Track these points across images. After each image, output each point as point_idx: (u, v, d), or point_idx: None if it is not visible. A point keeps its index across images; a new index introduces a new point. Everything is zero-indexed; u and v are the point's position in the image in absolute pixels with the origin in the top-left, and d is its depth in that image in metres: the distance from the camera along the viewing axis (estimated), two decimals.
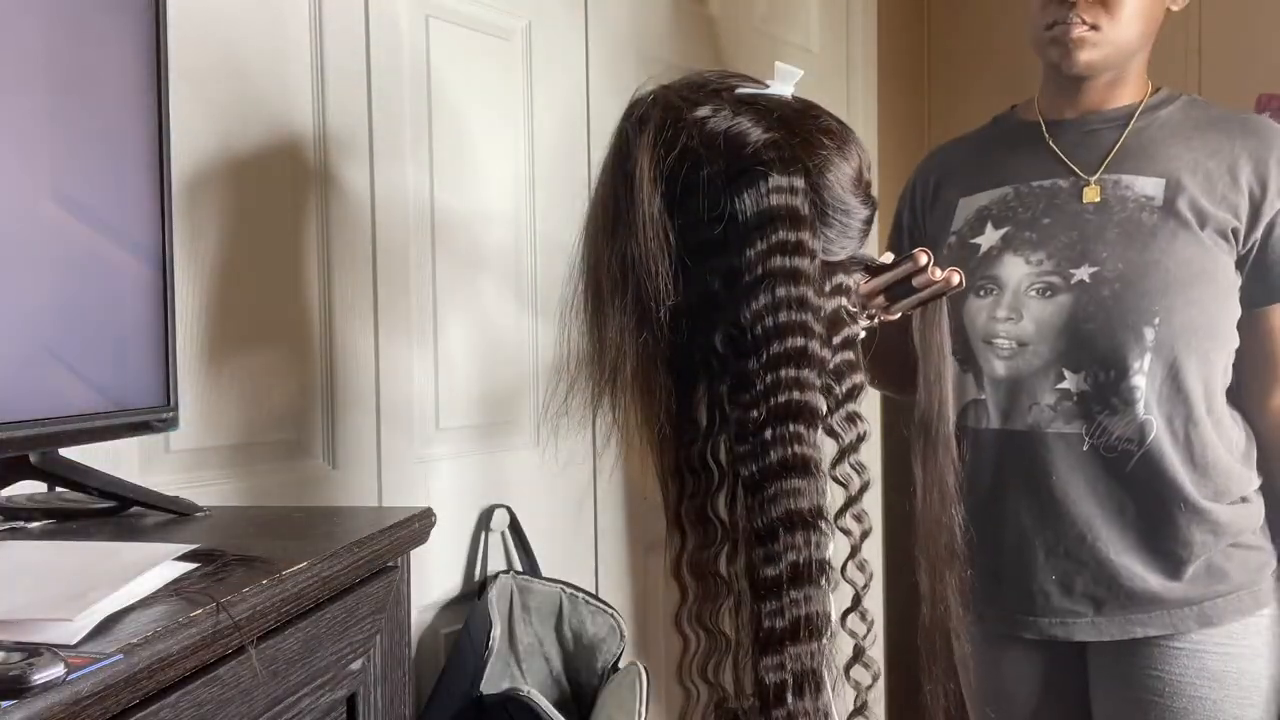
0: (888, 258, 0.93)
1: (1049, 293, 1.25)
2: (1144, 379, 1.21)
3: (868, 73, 2.38)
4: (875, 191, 0.89)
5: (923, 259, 0.89)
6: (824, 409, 0.82)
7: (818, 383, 0.80)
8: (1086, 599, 1.24)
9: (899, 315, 0.93)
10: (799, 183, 0.80)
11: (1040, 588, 1.26)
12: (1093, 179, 1.28)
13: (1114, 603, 1.23)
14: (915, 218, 1.46)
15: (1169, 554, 1.22)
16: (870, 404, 2.37)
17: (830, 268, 0.85)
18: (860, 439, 0.87)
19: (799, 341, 0.78)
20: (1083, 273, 1.23)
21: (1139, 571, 1.22)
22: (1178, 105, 1.32)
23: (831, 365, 0.84)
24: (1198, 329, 1.21)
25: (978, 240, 1.32)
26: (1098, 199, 1.27)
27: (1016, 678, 1.35)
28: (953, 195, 1.39)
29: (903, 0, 2.58)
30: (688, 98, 0.83)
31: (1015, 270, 1.27)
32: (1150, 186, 1.25)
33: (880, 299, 0.91)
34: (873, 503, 0.92)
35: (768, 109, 0.82)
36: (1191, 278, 1.21)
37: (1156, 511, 1.22)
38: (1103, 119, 1.32)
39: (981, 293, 1.29)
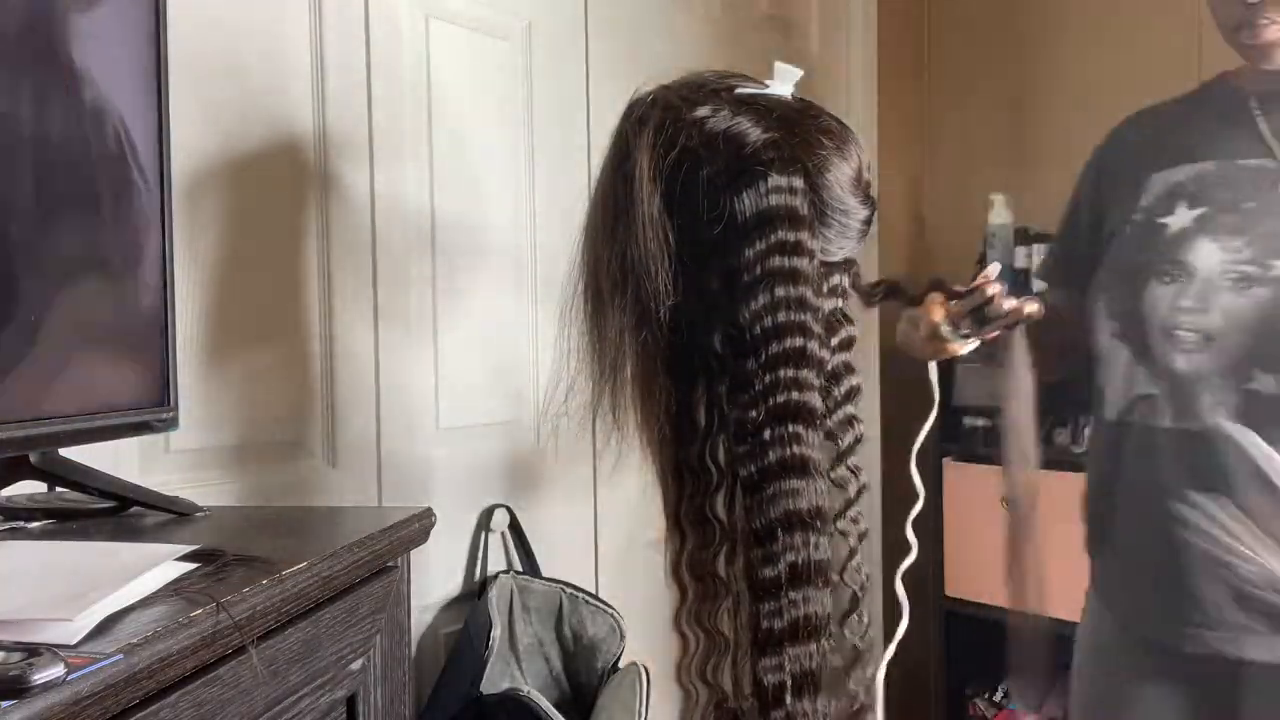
0: (994, 267, 0.98)
1: (1244, 284, 1.10)
2: None
3: (868, 73, 2.38)
4: (874, 192, 0.89)
5: (989, 290, 0.92)
6: (822, 410, 0.82)
7: (816, 383, 0.80)
8: (1263, 614, 1.09)
9: (996, 333, 0.96)
10: (798, 183, 0.80)
11: (1211, 598, 1.11)
12: None
13: None
14: (1098, 193, 1.31)
15: None
16: (870, 406, 2.38)
17: (829, 268, 0.86)
18: (858, 441, 0.88)
19: (798, 342, 0.78)
20: None
21: None
22: None
23: (830, 367, 0.85)
24: None
25: (1166, 220, 1.17)
26: None
27: (1157, 710, 1.19)
28: (1142, 169, 1.23)
29: (903, 0, 2.58)
30: (687, 98, 0.83)
31: (1208, 257, 1.13)
32: None
33: (968, 320, 0.95)
34: (871, 506, 0.93)
35: (767, 109, 0.82)
36: None
37: None
38: None
39: (1166, 279, 1.14)
